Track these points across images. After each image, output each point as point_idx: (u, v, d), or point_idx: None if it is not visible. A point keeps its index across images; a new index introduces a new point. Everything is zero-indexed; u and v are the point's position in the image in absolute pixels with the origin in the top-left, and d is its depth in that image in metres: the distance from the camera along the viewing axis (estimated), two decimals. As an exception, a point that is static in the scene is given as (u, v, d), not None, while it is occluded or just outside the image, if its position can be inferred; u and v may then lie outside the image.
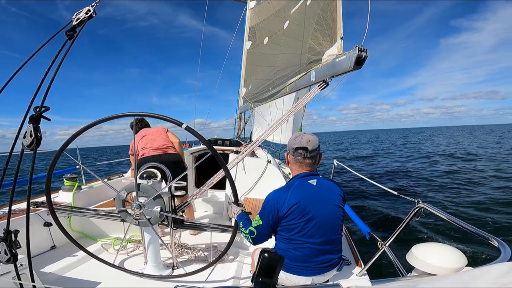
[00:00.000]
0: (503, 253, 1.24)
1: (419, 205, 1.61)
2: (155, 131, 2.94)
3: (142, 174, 1.99)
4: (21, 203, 2.87)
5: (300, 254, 1.43)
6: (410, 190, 8.59)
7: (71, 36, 1.25)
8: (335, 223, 1.48)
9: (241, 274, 2.08)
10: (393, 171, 12.51)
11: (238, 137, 7.23)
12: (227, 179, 1.75)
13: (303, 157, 1.51)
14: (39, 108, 1.13)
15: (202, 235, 2.81)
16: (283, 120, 2.13)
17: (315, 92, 2.11)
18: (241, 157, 2.24)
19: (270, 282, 0.94)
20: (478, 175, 10.21)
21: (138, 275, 1.99)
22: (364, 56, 1.74)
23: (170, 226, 1.98)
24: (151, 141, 2.83)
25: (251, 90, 4.70)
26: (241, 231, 1.57)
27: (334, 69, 1.98)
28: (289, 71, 2.97)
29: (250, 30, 5.07)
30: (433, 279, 1.18)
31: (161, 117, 1.61)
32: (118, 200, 1.88)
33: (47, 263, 2.21)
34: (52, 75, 1.16)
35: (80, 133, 1.61)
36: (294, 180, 1.53)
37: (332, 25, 2.21)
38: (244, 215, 1.66)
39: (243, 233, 1.55)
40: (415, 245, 1.53)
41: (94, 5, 1.33)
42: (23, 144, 1.12)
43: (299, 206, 1.40)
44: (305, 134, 1.55)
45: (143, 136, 2.90)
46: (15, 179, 1.17)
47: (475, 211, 6.19)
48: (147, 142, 2.84)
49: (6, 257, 1.13)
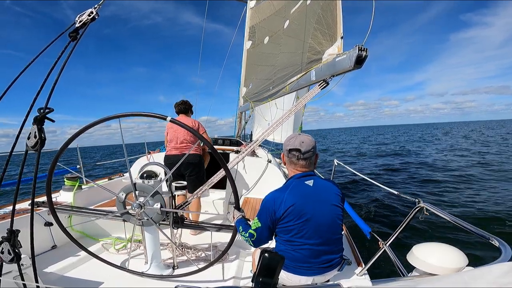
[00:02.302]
0: (503, 253, 1.24)
1: (420, 205, 1.61)
2: (178, 127, 2.87)
3: (142, 174, 2.00)
4: (21, 203, 2.87)
5: (300, 255, 1.43)
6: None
7: (74, 38, 1.26)
8: (334, 223, 1.47)
9: (241, 274, 2.08)
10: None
11: (238, 136, 7.23)
12: (228, 179, 1.75)
13: (297, 158, 1.51)
14: (43, 109, 1.13)
15: (202, 235, 2.81)
16: (284, 120, 2.13)
17: (315, 91, 2.11)
18: (242, 156, 2.25)
19: (270, 282, 0.94)
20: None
21: (139, 275, 2.00)
22: (364, 56, 1.74)
23: (171, 225, 1.98)
24: (175, 136, 2.85)
25: (251, 89, 4.70)
26: (241, 234, 1.58)
27: (334, 69, 1.98)
28: (289, 71, 2.96)
29: (251, 29, 5.07)
30: (433, 279, 1.18)
31: (145, 114, 1.60)
32: (119, 203, 1.89)
33: (48, 263, 2.21)
34: (56, 77, 1.16)
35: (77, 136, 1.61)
36: (291, 181, 1.52)
37: (332, 24, 2.21)
38: (243, 220, 1.68)
39: (243, 236, 1.56)
40: (416, 245, 1.52)
41: (97, 7, 1.33)
42: (27, 145, 1.13)
43: (295, 208, 1.40)
44: (299, 135, 1.55)
45: (169, 133, 2.93)
46: (19, 179, 1.18)
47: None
48: (172, 137, 2.88)
49: (9, 256, 1.14)
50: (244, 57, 5.37)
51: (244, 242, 1.59)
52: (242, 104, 5.48)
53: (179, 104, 3.01)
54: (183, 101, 3.03)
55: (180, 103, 3.01)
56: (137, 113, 1.63)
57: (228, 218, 1.77)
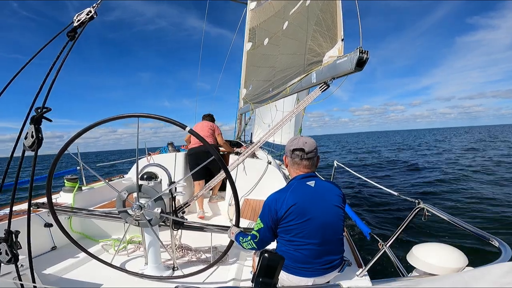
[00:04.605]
0: (503, 253, 1.23)
1: (420, 206, 1.61)
2: (202, 125, 3.88)
3: (142, 175, 2.00)
4: (21, 204, 2.87)
5: (301, 255, 1.43)
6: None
7: (72, 37, 1.26)
8: (335, 224, 1.48)
9: (241, 275, 2.07)
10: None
11: (238, 138, 7.23)
12: (228, 182, 1.76)
13: (300, 158, 1.53)
14: (40, 109, 1.13)
15: (202, 236, 2.80)
16: (284, 122, 2.13)
17: (316, 93, 2.12)
18: (242, 158, 2.25)
19: (270, 282, 0.93)
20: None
21: (139, 276, 1.99)
22: (365, 58, 1.75)
23: (171, 227, 1.98)
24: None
25: (252, 91, 4.70)
26: (242, 243, 1.60)
27: (335, 71, 1.98)
28: (289, 72, 2.97)
29: (251, 31, 5.08)
30: (433, 279, 1.18)
31: (166, 119, 1.62)
32: (119, 201, 1.89)
33: (48, 264, 2.21)
34: (54, 76, 1.16)
35: (80, 134, 1.62)
36: (293, 182, 1.54)
37: (332, 26, 2.21)
38: (241, 232, 1.72)
39: (245, 243, 1.58)
40: (416, 245, 1.52)
41: (95, 6, 1.33)
42: (24, 145, 1.12)
43: (297, 207, 1.41)
44: (302, 137, 1.59)
45: (196, 127, 3.87)
46: (16, 180, 1.18)
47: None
48: (192, 138, 3.69)
49: (7, 257, 1.14)
50: (244, 59, 5.39)
51: None
52: (242, 106, 5.49)
53: (206, 115, 4.29)
54: (209, 114, 4.32)
55: (206, 115, 4.29)
56: (158, 117, 1.63)
57: (228, 236, 1.80)
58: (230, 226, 1.84)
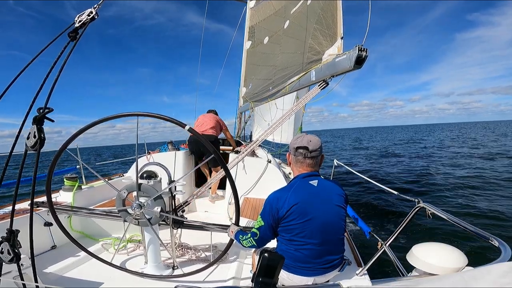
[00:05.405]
0: (503, 253, 1.24)
1: (420, 205, 1.61)
2: (204, 117, 3.99)
3: (142, 174, 1.99)
4: (21, 203, 2.87)
5: (301, 255, 1.43)
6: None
7: (74, 38, 1.26)
8: (337, 223, 1.47)
9: (241, 274, 2.07)
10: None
11: (238, 136, 7.23)
12: (228, 180, 1.76)
13: (303, 156, 1.51)
14: (42, 109, 1.13)
15: (202, 235, 2.81)
16: (284, 120, 2.13)
17: (315, 91, 2.11)
18: (241, 157, 2.25)
19: (270, 282, 0.93)
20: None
21: (139, 275, 1.99)
22: (364, 56, 1.74)
23: (171, 226, 1.98)
24: (199, 125, 3.90)
25: (251, 89, 4.70)
26: (242, 241, 1.59)
27: (334, 69, 1.98)
28: (289, 71, 2.97)
29: (250, 29, 5.07)
30: (433, 279, 1.18)
31: (165, 118, 1.62)
32: (119, 199, 1.89)
33: (48, 263, 2.21)
34: (55, 76, 1.16)
35: (79, 134, 1.62)
36: (295, 181, 1.52)
37: (332, 24, 2.21)
38: (240, 230, 1.71)
39: (245, 241, 1.57)
40: (416, 245, 1.52)
41: (97, 6, 1.33)
42: (27, 145, 1.12)
43: (299, 207, 1.40)
44: (306, 135, 1.56)
45: (197, 120, 4.03)
46: (18, 179, 1.18)
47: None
48: (196, 126, 3.94)
49: (9, 256, 1.14)
50: (244, 57, 5.38)
51: None
52: (242, 104, 5.48)
53: (211, 110, 4.41)
54: (214, 109, 4.43)
55: (211, 110, 4.41)
56: (158, 116, 1.63)
57: (228, 235, 1.79)
58: (230, 224, 1.84)
